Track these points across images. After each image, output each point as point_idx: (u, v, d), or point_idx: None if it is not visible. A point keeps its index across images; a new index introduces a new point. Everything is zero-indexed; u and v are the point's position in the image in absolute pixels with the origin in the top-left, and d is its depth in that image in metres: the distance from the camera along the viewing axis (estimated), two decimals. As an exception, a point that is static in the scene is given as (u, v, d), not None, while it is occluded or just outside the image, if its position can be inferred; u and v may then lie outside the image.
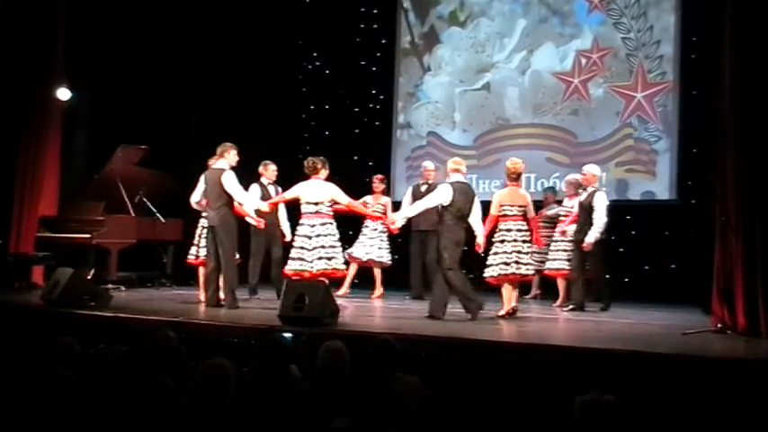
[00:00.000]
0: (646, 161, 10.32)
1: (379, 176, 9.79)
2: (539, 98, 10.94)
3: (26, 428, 3.32)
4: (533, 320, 7.63)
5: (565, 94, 10.78)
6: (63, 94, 10.15)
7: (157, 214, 10.01)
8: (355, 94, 12.08)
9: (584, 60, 10.70)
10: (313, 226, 7.54)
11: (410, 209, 8.00)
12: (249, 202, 8.07)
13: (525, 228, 7.62)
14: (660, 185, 10.25)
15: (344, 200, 7.79)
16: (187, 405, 3.41)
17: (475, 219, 7.50)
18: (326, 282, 7.20)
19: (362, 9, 12.09)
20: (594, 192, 8.32)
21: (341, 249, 7.76)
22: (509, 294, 7.53)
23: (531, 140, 10.93)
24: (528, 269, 7.62)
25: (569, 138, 10.74)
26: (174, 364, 4.10)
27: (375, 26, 12.07)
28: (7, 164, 9.94)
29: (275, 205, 8.34)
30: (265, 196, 8.60)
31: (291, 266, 7.59)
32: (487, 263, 7.56)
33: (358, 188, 9.62)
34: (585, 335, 6.60)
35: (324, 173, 7.76)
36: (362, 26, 12.10)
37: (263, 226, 8.13)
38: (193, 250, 8.63)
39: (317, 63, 12.34)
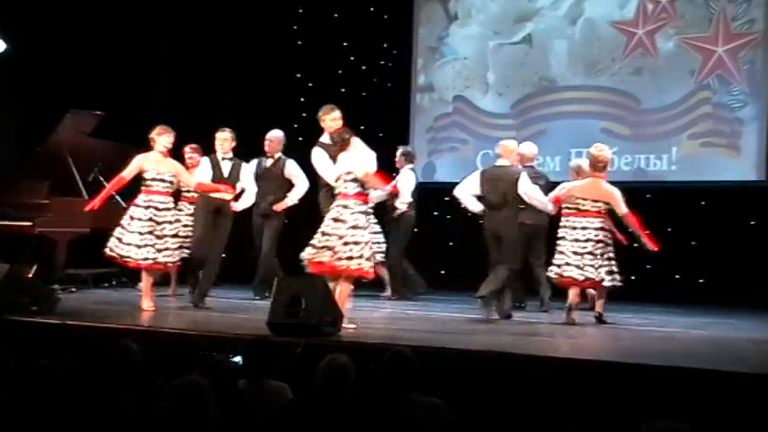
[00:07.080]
0: (728, 132, 10.30)
1: None
2: (593, 54, 10.95)
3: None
4: (587, 330, 7.66)
5: (626, 48, 10.77)
6: (-6, 45, 10.16)
7: (116, 197, 9.96)
8: (363, 47, 12.07)
9: (650, 6, 10.68)
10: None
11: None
12: None
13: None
14: (745, 163, 10.24)
15: None
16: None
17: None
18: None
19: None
20: None
21: None
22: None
23: (583, 107, 10.99)
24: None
25: (631, 103, 10.74)
26: (135, 383, 4.10)
27: (388, -37, 12.03)
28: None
29: None
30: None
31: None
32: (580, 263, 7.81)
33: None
34: (650, 349, 6.58)
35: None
36: (372, -37, 12.06)
37: None
38: None
39: (315, 7, 12.27)
